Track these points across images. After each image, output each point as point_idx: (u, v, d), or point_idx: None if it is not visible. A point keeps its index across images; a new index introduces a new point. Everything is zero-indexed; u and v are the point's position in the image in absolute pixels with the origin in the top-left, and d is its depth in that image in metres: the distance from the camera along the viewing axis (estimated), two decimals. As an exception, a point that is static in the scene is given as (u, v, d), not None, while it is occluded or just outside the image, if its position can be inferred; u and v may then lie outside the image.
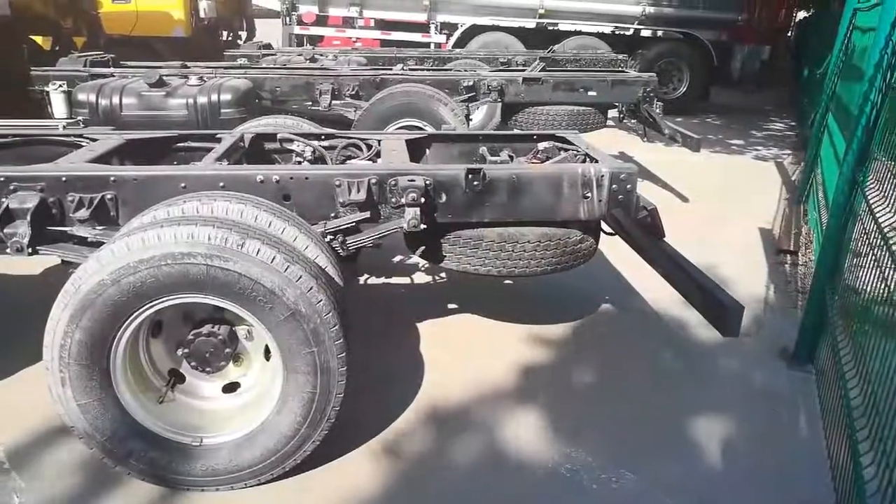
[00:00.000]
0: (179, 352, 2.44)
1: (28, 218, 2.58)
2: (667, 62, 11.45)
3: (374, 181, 2.76)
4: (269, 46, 10.03)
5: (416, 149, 3.58)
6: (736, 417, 2.98)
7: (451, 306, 3.95)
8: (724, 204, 6.26)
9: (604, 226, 3.14)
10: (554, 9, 11.30)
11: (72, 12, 7.03)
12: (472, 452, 2.69)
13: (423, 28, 11.86)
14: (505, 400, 3.03)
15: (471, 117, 6.40)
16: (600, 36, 11.29)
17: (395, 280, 4.30)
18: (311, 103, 6.41)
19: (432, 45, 11.68)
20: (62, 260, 3.02)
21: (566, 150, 3.48)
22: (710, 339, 3.54)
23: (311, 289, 2.21)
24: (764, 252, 5.02)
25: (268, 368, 2.45)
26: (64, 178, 2.68)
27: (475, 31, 11.47)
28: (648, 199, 3.03)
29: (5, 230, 2.58)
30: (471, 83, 6.09)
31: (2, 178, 2.65)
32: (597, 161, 3.12)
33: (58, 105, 5.74)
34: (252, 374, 2.53)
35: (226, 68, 6.76)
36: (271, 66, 7.73)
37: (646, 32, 11.36)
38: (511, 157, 3.55)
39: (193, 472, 2.34)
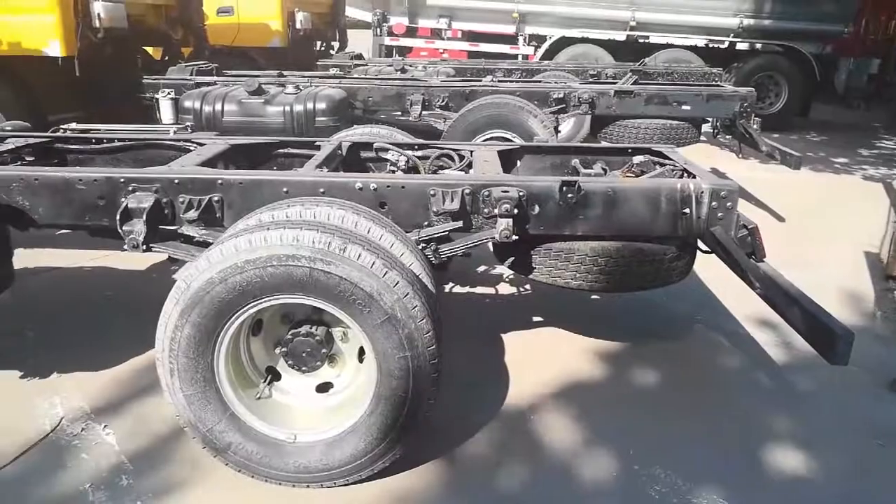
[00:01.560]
0: (277, 350, 2.53)
1: (144, 217, 2.74)
2: (764, 76, 11.03)
3: (467, 191, 2.79)
4: (360, 57, 10.30)
5: (508, 160, 3.59)
6: (838, 449, 2.82)
7: (535, 318, 3.92)
8: (826, 225, 5.97)
9: (700, 244, 3.07)
10: (645, 21, 11.10)
11: (181, 25, 7.43)
12: (553, 464, 2.66)
13: (510, 40, 11.90)
14: (588, 414, 2.99)
15: (559, 129, 6.37)
16: (693, 49, 11.00)
17: (479, 290, 4.31)
18: (400, 113, 6.54)
19: (520, 57, 11.69)
20: (169, 257, 3.21)
21: (662, 164, 3.41)
22: (811, 365, 3.38)
23: (407, 294, 2.25)
24: (870, 277, 4.75)
25: (361, 371, 2.51)
26: (176, 181, 2.83)
27: (564, 43, 11.41)
28: (749, 218, 2.93)
29: (124, 227, 2.75)
30: (561, 95, 6.06)
31: (122, 180, 2.83)
32: (695, 177, 3.05)
33: (165, 111, 6.07)
34: (345, 375, 2.59)
35: (321, 77, 6.97)
36: (363, 76, 7.94)
37: (742, 45, 10.99)
38: (604, 171, 3.51)
39: (286, 468, 2.41)
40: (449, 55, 12.27)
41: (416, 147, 3.72)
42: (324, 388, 2.62)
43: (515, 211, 2.72)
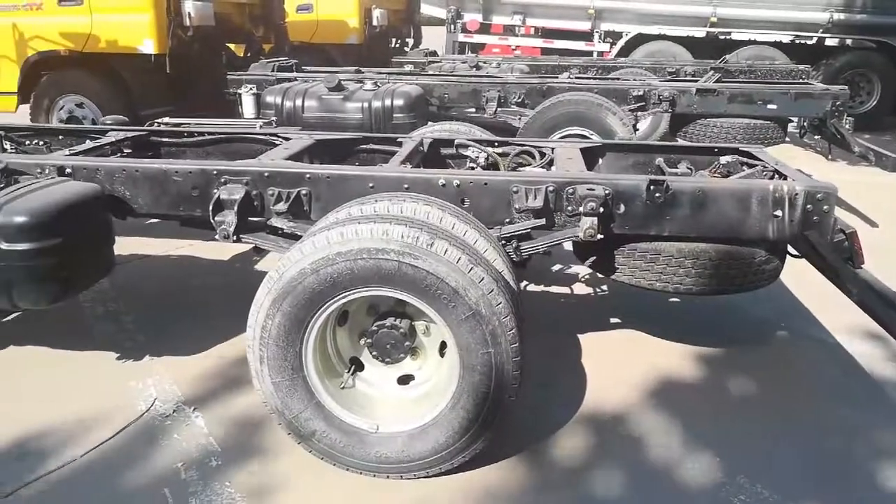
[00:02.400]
0: (362, 341, 2.58)
1: (235, 208, 2.85)
2: (854, 73, 10.52)
3: (551, 189, 2.77)
4: (434, 54, 10.37)
5: (590, 158, 3.55)
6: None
7: (612, 319, 3.87)
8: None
9: (790, 247, 2.96)
10: (727, 17, 10.74)
11: (263, 22, 7.65)
12: (631, 467, 2.62)
13: (585, 37, 11.73)
14: (667, 418, 2.92)
15: (637, 127, 6.25)
16: (777, 45, 10.59)
17: (554, 289, 4.28)
18: (474, 110, 6.56)
19: (595, 54, 11.51)
20: (254, 248, 3.31)
21: (752, 165, 3.30)
22: (907, 379, 3.21)
23: (491, 291, 2.25)
24: (971, 287, 4.47)
25: (443, 365, 2.53)
26: (266, 174, 2.92)
27: (640, 40, 11.17)
28: (846, 223, 2.81)
29: (216, 218, 2.86)
30: (640, 93, 5.95)
31: (215, 172, 2.94)
32: (788, 178, 2.94)
33: (247, 106, 6.26)
34: (427, 368, 2.62)
35: (398, 74, 7.05)
36: (438, 72, 7.99)
37: (831, 41, 10.50)
38: (690, 171, 3.43)
39: (368, 458, 2.46)
40: (522, 52, 12.21)
41: (496, 144, 3.72)
42: (405, 380, 2.65)
43: (601, 209, 2.69)
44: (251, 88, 6.22)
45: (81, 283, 2.87)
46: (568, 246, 2.98)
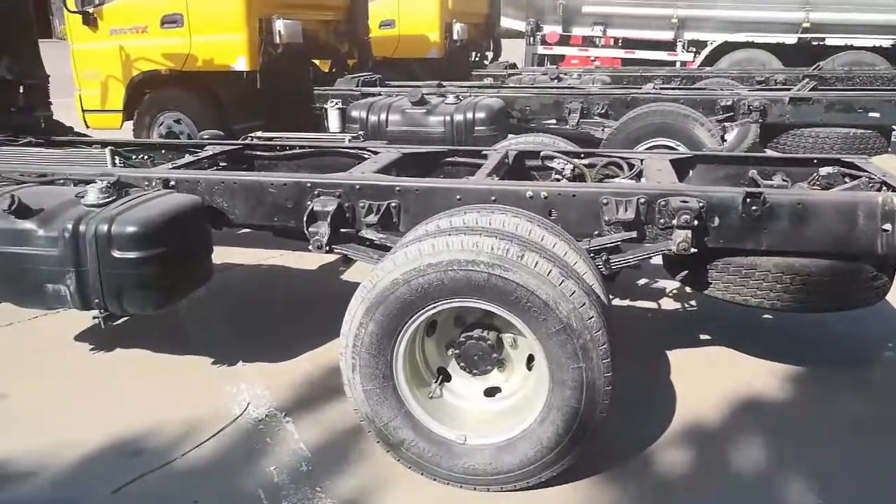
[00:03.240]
0: (449, 352, 2.60)
1: (328, 220, 2.93)
2: (963, 79, 9.86)
3: (642, 201, 2.72)
4: (514, 66, 10.38)
5: (680, 169, 3.46)
6: None
7: (703, 336, 3.75)
8: None
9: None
10: (821, 22, 10.32)
11: (348, 38, 7.85)
12: (722, 489, 2.52)
13: (668, 46, 11.51)
14: (758, 441, 2.79)
15: (725, 138, 6.06)
16: (877, 50, 10.07)
17: (640, 303, 4.18)
18: (556, 122, 6.52)
19: (678, 64, 11.27)
20: (344, 258, 3.39)
21: (855, 176, 3.14)
22: None
23: (583, 305, 2.23)
24: None
25: (530, 378, 2.52)
26: (357, 186, 2.99)
27: (727, 48, 10.87)
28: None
29: (310, 229, 2.95)
30: (729, 102, 5.77)
31: (308, 184, 3.04)
32: (897, 190, 2.78)
33: (333, 120, 6.43)
34: (513, 381, 2.61)
35: (479, 87, 7.10)
36: (518, 85, 7.99)
37: (937, 45, 9.92)
38: (786, 182, 3.30)
39: (456, 469, 2.47)
40: (601, 63, 12.08)
41: (583, 155, 3.68)
42: (491, 392, 2.65)
43: (695, 222, 2.62)
44: (337, 103, 6.39)
45: (183, 290, 3.01)
46: (656, 259, 2.91)
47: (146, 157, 4.12)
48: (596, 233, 2.80)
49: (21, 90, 4.68)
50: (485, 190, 2.87)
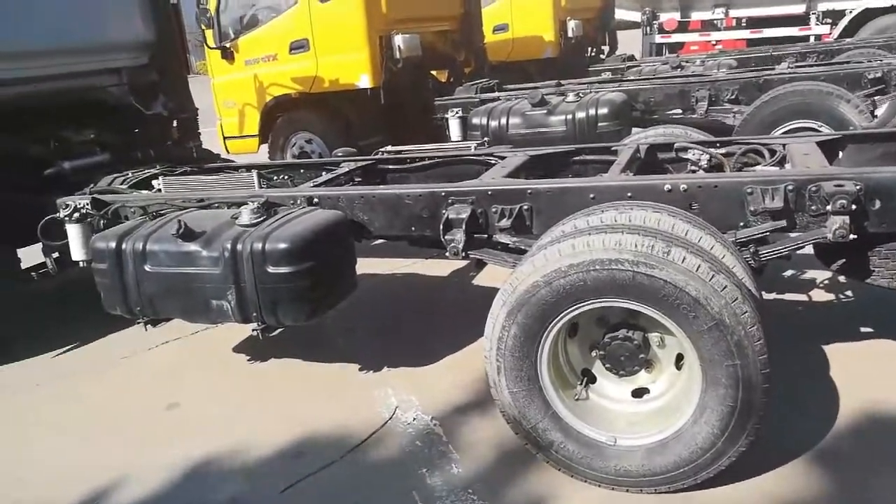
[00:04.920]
0: (593, 353, 2.58)
1: (463, 226, 2.99)
2: None
3: (790, 188, 2.58)
4: (632, 58, 10.13)
5: (828, 152, 3.25)
6: None
7: (863, 329, 3.48)
8: None
9: None
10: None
11: (464, 46, 7.97)
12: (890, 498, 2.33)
13: (800, 21, 10.79)
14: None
15: (875, 115, 5.60)
16: None
17: (790, 296, 3.95)
18: (682, 111, 6.29)
19: (812, 38, 10.53)
20: (475, 263, 3.44)
21: None
22: None
23: (735, 299, 2.14)
24: None
25: (680, 377, 2.45)
26: (490, 192, 3.03)
27: (868, 15, 10.02)
28: None
29: (446, 236, 3.03)
30: (878, 74, 5.34)
31: (443, 193, 3.11)
32: None
33: (454, 129, 6.54)
34: (662, 381, 2.55)
35: (600, 83, 6.98)
36: (639, 77, 7.78)
37: None
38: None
39: (607, 471, 2.44)
40: (723, 46, 11.51)
41: (719, 144, 3.54)
42: (639, 392, 2.60)
43: (853, 207, 2.44)
44: (457, 112, 6.50)
45: (332, 300, 3.17)
46: (805, 249, 2.74)
47: (287, 177, 4.38)
48: (741, 224, 2.68)
49: (175, 124, 5.13)
50: (620, 186, 2.83)
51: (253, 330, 3.09)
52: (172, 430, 3.24)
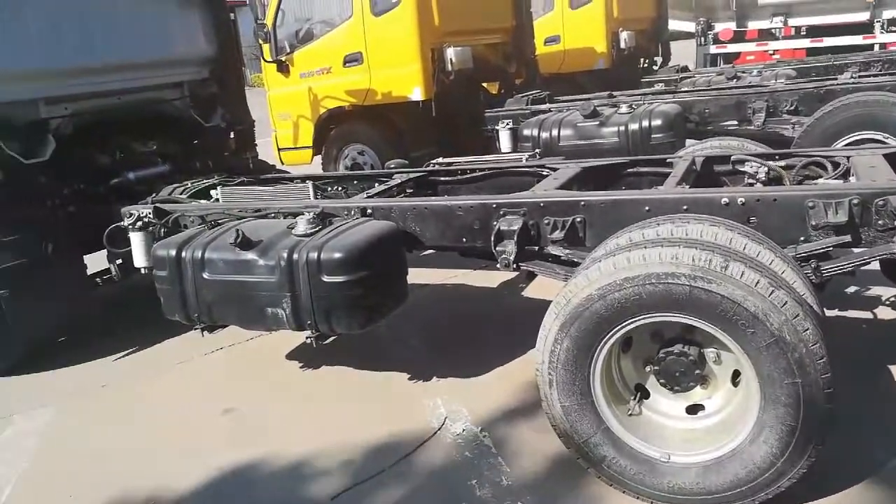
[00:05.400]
0: (647, 368, 2.54)
1: (514, 238, 2.99)
2: None
3: (855, 201, 2.51)
4: (685, 69, 9.97)
5: (895, 164, 3.14)
6: None
7: (932, 348, 3.34)
8: None
9: None
10: None
11: (516, 58, 7.98)
12: None
13: (864, 29, 10.46)
14: None
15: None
16: None
17: (853, 313, 3.81)
18: (737, 123, 6.17)
19: (876, 47, 10.19)
20: (525, 274, 3.43)
21: None
22: None
23: (797, 316, 2.09)
24: None
25: (737, 394, 2.39)
26: (542, 204, 3.03)
27: (936, 23, 9.66)
28: None
29: (497, 248, 3.03)
30: (948, 85, 5.13)
31: (494, 205, 3.12)
32: None
33: (504, 141, 6.56)
34: (717, 397, 2.49)
35: (653, 94, 6.90)
36: (692, 88, 7.65)
37: None
38: None
39: (660, 488, 2.39)
40: (781, 56, 11.23)
41: (778, 157, 3.46)
42: (693, 409, 2.55)
43: (927, 221, 2.36)
44: (508, 123, 6.52)
45: (384, 310, 3.20)
46: (872, 264, 2.65)
47: (340, 188, 4.45)
48: (802, 239, 2.62)
49: (232, 135, 5.28)
50: (675, 199, 2.79)
51: (307, 338, 3.15)
52: (226, 435, 3.31)
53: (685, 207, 2.74)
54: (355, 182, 4.46)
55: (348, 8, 6.87)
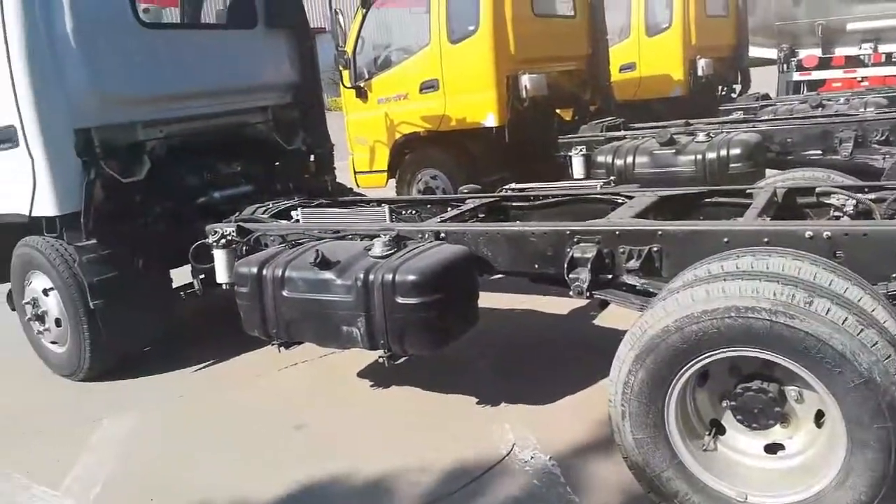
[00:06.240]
0: (724, 403, 2.47)
1: (588, 266, 2.98)
2: None
3: (953, 238, 2.39)
4: (766, 97, 9.71)
5: None
6: None
7: None
8: None
9: None
10: None
11: (590, 86, 7.97)
12: None
13: (960, 56, 9.95)
14: None
15: None
16: None
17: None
18: (822, 153, 5.97)
19: (977, 74, 9.68)
20: (598, 303, 3.41)
21: None
22: None
23: (888, 357, 2.01)
24: None
25: (821, 436, 2.30)
26: (617, 232, 3.01)
27: None
28: None
29: (570, 275, 3.03)
30: None
31: (568, 232, 3.12)
32: None
33: (577, 167, 6.54)
34: (799, 438, 2.40)
35: (732, 123, 6.76)
36: (773, 116, 7.45)
37: None
38: None
39: (734, 528, 2.32)
40: (870, 83, 10.79)
41: (867, 189, 3.34)
42: (773, 448, 2.46)
43: None
44: (581, 150, 6.50)
45: (455, 332, 3.24)
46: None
47: (414, 211, 4.54)
48: (894, 276, 2.51)
49: (312, 158, 5.47)
50: (756, 231, 2.74)
51: (379, 357, 3.21)
52: (300, 450, 3.39)
53: (766, 240, 2.67)
54: (429, 206, 4.54)
55: (426, 36, 7.04)
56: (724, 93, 10.77)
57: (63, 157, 4.12)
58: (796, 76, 11.51)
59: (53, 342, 4.50)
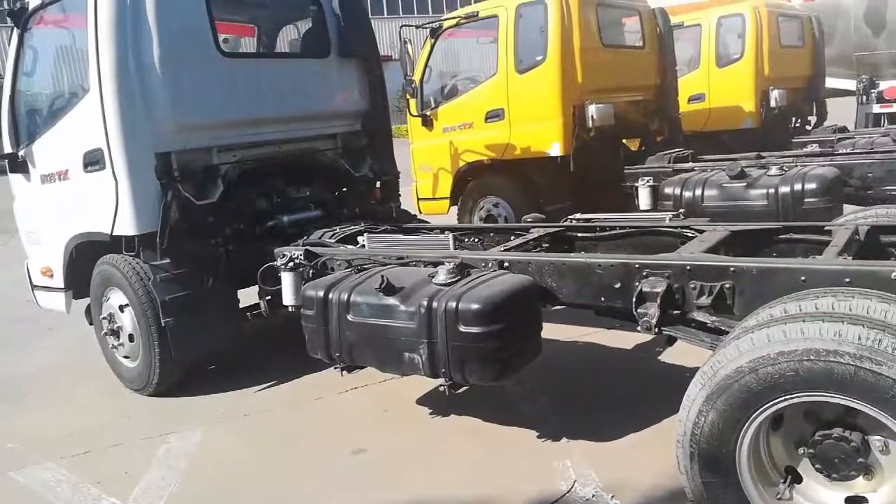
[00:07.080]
0: (800, 450, 2.36)
1: (657, 301, 2.91)
2: None
3: None
4: (843, 129, 9.37)
5: None
6: None
7: None
8: None
9: None
10: None
11: (658, 116, 7.86)
12: None
13: None
14: None
15: None
16: None
17: None
18: (906, 189, 5.69)
19: None
20: (667, 340, 3.31)
21: None
22: None
23: (985, 409, 1.88)
24: None
25: (909, 490, 2.17)
26: (688, 267, 2.93)
27: None
28: None
29: (638, 310, 2.96)
30: None
31: (637, 265, 3.06)
32: None
33: (644, 198, 6.42)
34: (885, 491, 2.26)
35: (807, 156, 6.54)
36: (853, 150, 7.17)
37: None
38: None
39: (811, 584, 2.20)
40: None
41: (959, 229, 3.16)
42: (854, 500, 2.33)
43: None
44: (648, 181, 6.39)
45: (517, 363, 3.20)
46: None
47: (477, 239, 4.54)
48: None
49: (378, 185, 5.55)
50: (837, 271, 2.62)
51: (440, 386, 3.20)
52: (355, 476, 3.40)
53: (847, 280, 2.56)
54: (492, 234, 4.54)
55: (493, 66, 7.11)
56: (797, 125, 10.44)
57: (143, 179, 4.31)
58: (876, 108, 11.10)
59: (126, 357, 4.67)
